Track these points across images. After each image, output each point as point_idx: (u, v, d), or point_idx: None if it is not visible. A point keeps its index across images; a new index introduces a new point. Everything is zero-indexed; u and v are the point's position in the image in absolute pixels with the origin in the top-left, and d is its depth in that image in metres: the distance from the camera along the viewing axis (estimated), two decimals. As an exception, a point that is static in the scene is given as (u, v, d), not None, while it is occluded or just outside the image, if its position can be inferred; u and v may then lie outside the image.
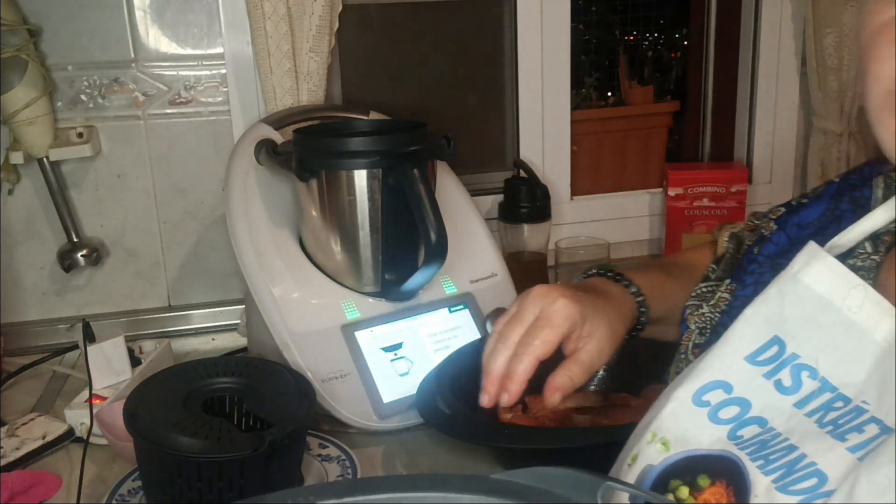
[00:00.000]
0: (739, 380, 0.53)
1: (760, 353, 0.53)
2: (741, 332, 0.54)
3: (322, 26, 1.22)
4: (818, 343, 0.51)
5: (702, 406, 0.53)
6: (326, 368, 1.01)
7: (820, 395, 0.50)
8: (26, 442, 0.98)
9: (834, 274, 0.51)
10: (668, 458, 0.52)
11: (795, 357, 0.51)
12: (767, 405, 0.51)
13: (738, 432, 0.52)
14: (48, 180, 1.24)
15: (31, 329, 1.31)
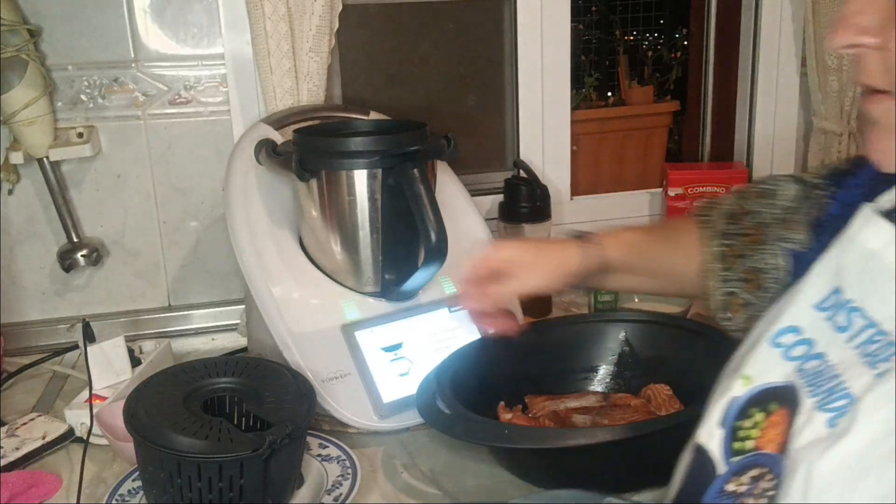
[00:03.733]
0: (807, 324, 0.62)
1: (825, 301, 0.61)
2: (810, 284, 0.62)
3: (322, 26, 1.22)
4: (868, 289, 0.58)
5: (777, 347, 0.62)
6: (326, 368, 1.01)
7: (866, 331, 0.57)
8: (26, 442, 0.98)
9: (882, 231, 0.59)
10: (751, 389, 0.61)
11: (850, 301, 0.59)
12: (828, 342, 0.59)
13: (804, 366, 0.60)
14: (48, 180, 1.24)
15: (31, 329, 1.31)
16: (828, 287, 0.62)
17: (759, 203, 0.88)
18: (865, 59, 0.52)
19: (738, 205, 0.90)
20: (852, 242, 0.61)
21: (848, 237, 0.61)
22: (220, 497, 0.79)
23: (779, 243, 0.84)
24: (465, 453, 0.96)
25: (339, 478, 0.90)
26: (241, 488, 0.79)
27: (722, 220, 0.90)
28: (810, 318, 0.62)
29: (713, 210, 0.92)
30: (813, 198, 0.82)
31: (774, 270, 0.84)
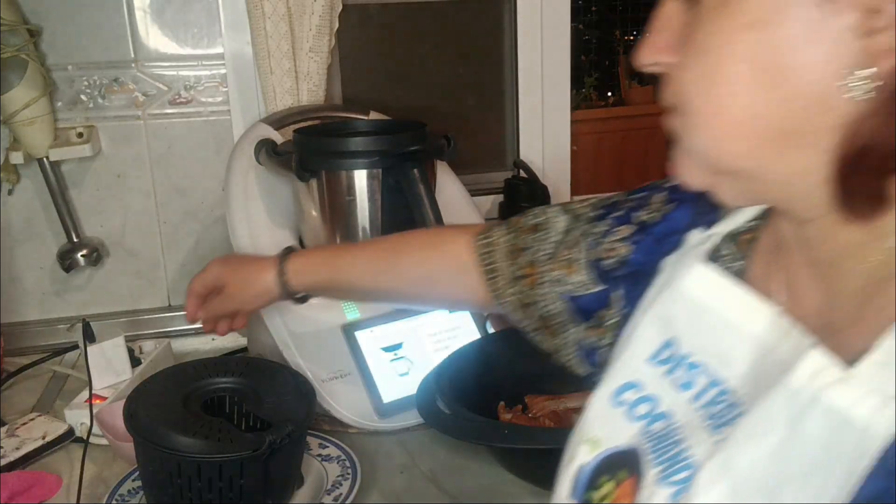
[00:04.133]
0: (646, 379, 0.58)
1: (659, 353, 0.57)
2: (641, 336, 0.58)
3: (322, 26, 1.22)
4: (703, 343, 0.55)
5: (619, 406, 0.58)
6: (326, 368, 1.01)
7: (709, 390, 0.54)
8: (26, 442, 0.98)
9: (709, 279, 0.56)
10: (597, 455, 0.57)
11: (687, 357, 0.56)
12: (671, 401, 0.56)
13: (651, 427, 0.56)
14: (48, 180, 1.24)
15: (31, 329, 1.31)
16: (659, 339, 0.58)
17: (532, 237, 0.79)
18: (664, 78, 0.51)
19: (512, 242, 0.81)
20: (679, 291, 0.57)
21: (675, 284, 0.58)
22: (220, 497, 0.79)
23: (553, 286, 0.75)
24: (465, 453, 0.96)
25: (339, 478, 0.90)
26: (241, 488, 0.79)
27: (506, 262, 0.81)
28: (647, 372, 0.58)
29: (494, 251, 0.82)
30: (590, 234, 0.74)
31: (559, 316, 0.76)
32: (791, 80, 0.44)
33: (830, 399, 0.43)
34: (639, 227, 0.71)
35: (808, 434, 0.44)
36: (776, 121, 0.45)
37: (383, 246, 0.91)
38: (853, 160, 0.44)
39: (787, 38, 0.43)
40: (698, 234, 0.61)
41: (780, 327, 0.51)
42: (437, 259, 0.86)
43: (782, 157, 0.46)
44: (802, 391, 0.45)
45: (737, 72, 0.45)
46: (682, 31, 0.48)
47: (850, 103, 0.43)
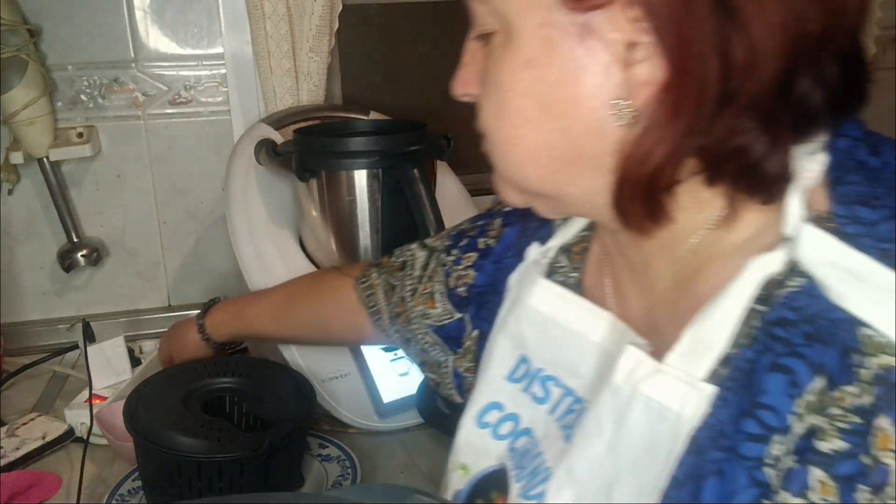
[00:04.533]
0: (506, 398, 0.60)
1: (515, 371, 0.60)
2: (497, 357, 0.61)
3: (322, 26, 1.22)
4: (552, 356, 0.58)
5: (484, 427, 0.61)
6: (326, 368, 1.01)
7: (564, 400, 0.57)
8: (26, 442, 0.98)
9: (550, 293, 0.59)
10: (470, 480, 0.60)
11: (540, 371, 0.59)
12: (531, 416, 0.59)
13: (515, 444, 0.59)
14: (48, 180, 1.24)
15: (31, 329, 1.31)
16: (514, 357, 0.60)
17: (399, 276, 0.83)
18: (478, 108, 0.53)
19: (386, 281, 0.84)
20: (526, 307, 0.60)
21: (521, 302, 0.60)
22: (220, 497, 0.79)
23: (421, 320, 0.78)
24: (465, 453, 0.96)
25: (339, 478, 0.90)
26: (241, 488, 0.79)
27: (385, 302, 0.84)
28: (507, 391, 0.60)
29: (374, 292, 0.85)
30: (443, 265, 0.77)
31: (433, 348, 0.78)
32: (568, 111, 0.47)
33: (647, 391, 0.47)
34: (481, 252, 0.74)
35: (633, 428, 0.48)
36: (562, 148, 0.49)
37: (280, 295, 0.96)
38: (622, 181, 0.47)
39: (559, 73, 0.46)
40: (536, 249, 0.64)
41: (617, 332, 0.55)
42: (322, 305, 0.92)
43: (574, 179, 0.50)
44: (623, 387, 0.48)
45: (522, 106, 0.49)
46: (482, 66, 0.52)
47: (621, 130, 0.46)
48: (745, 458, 0.43)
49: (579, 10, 0.45)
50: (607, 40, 0.45)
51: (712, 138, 0.44)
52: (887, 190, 0.44)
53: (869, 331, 0.41)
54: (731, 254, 0.49)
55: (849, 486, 0.40)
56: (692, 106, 0.44)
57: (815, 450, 0.41)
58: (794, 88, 0.44)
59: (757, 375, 0.44)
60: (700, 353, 0.46)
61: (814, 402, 0.42)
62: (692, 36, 0.42)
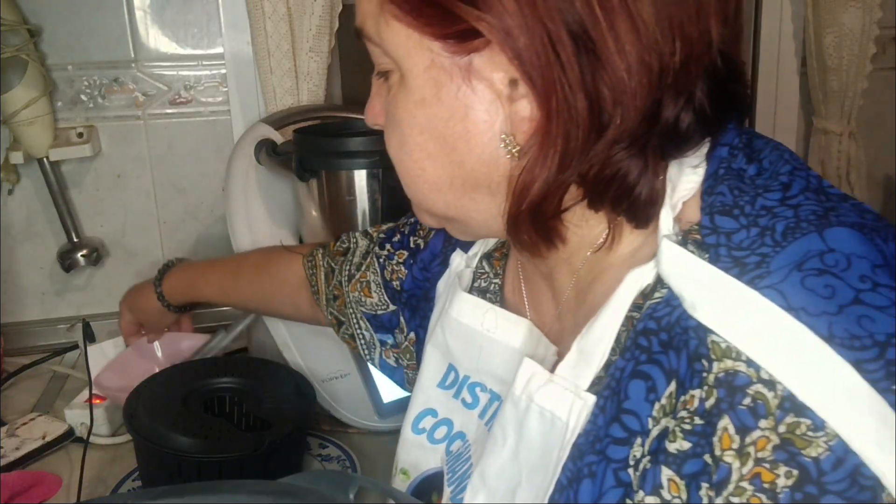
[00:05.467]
0: (439, 404, 0.63)
1: (445, 379, 0.63)
2: (428, 365, 0.64)
3: (322, 26, 1.22)
4: (476, 363, 0.60)
5: (420, 433, 0.63)
6: (326, 368, 1.01)
7: (491, 405, 0.59)
8: (26, 442, 0.98)
9: (470, 305, 0.61)
10: (410, 484, 0.63)
11: (467, 378, 0.61)
12: (463, 421, 0.61)
13: (450, 447, 0.61)
14: (48, 180, 1.24)
15: (31, 329, 1.31)
16: (443, 365, 0.63)
17: (340, 261, 0.86)
18: None
19: (329, 264, 0.88)
20: (450, 319, 0.62)
21: (445, 313, 0.63)
22: (220, 497, 0.79)
23: (356, 306, 0.82)
24: (465, 453, 0.96)
25: (339, 478, 0.90)
26: (241, 488, 0.79)
27: (325, 283, 0.88)
28: (439, 398, 0.63)
29: (316, 272, 0.89)
30: (377, 257, 0.81)
31: (364, 333, 0.83)
32: (461, 145, 0.50)
33: (540, 401, 0.50)
34: (411, 252, 0.77)
35: (530, 436, 0.50)
36: (460, 178, 0.51)
37: (229, 267, 1.01)
38: (514, 210, 0.50)
39: (449, 111, 0.49)
40: (459, 257, 0.66)
41: (533, 338, 0.57)
42: (268, 281, 0.96)
43: (476, 205, 0.52)
44: (522, 397, 0.51)
45: (420, 141, 0.51)
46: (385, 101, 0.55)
47: (511, 161, 0.49)
48: (612, 460, 0.46)
49: (460, 54, 0.47)
50: (489, 79, 0.47)
51: (589, 168, 0.47)
52: (751, 198, 0.46)
53: (717, 337, 0.42)
54: (618, 267, 0.51)
55: (694, 484, 0.42)
56: (564, 140, 0.46)
57: (666, 450, 0.43)
58: (661, 116, 0.46)
59: (623, 382, 0.47)
60: (585, 362, 0.49)
61: (666, 406, 0.44)
62: (558, 77, 0.44)
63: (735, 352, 0.41)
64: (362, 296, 0.81)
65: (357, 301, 0.82)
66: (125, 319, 1.08)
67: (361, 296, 0.81)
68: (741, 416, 0.40)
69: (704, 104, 0.47)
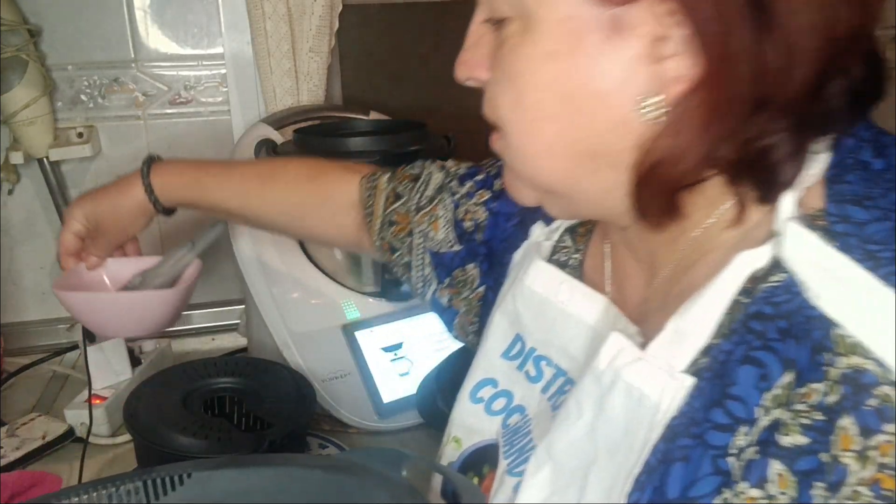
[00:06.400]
0: (500, 375, 0.61)
1: (510, 349, 0.60)
2: (494, 333, 0.62)
3: (322, 26, 1.22)
4: (547, 336, 0.58)
5: (477, 402, 0.61)
6: (326, 368, 1.01)
7: (556, 380, 0.57)
8: (26, 442, 0.98)
9: (546, 274, 0.59)
10: (462, 453, 0.60)
11: (534, 350, 0.59)
12: (524, 395, 0.59)
13: (508, 421, 0.59)
14: (48, 180, 1.24)
15: (31, 329, 1.31)
16: (510, 335, 0.61)
17: (409, 187, 0.80)
18: (485, 94, 0.52)
19: (393, 189, 0.82)
20: (523, 287, 0.60)
21: (519, 281, 0.60)
22: (220, 497, 0.79)
23: (421, 237, 0.77)
24: (465, 453, 0.96)
25: (339, 478, 0.90)
26: (241, 488, 0.79)
27: (383, 207, 0.82)
28: (501, 368, 0.60)
29: (375, 194, 0.83)
30: (455, 193, 0.76)
31: (421, 268, 0.78)
32: (591, 106, 0.46)
33: (629, 378, 0.47)
34: (495, 195, 0.72)
35: (613, 413, 0.48)
36: (581, 144, 0.48)
37: (257, 170, 0.90)
38: (645, 178, 0.47)
39: (583, 68, 0.46)
40: (540, 229, 0.64)
41: (610, 316, 0.55)
42: (313, 193, 0.86)
43: (591, 175, 0.49)
44: (606, 372, 0.48)
45: (542, 99, 0.47)
46: (492, 51, 0.50)
47: (645, 125, 0.46)
48: (711, 446, 0.44)
49: (610, 5, 0.44)
50: (637, 34, 0.44)
51: (743, 139, 0.44)
52: (883, 191, 0.44)
53: (842, 331, 0.41)
54: (727, 247, 0.49)
55: (806, 482, 0.40)
56: (723, 107, 0.43)
57: (777, 443, 0.41)
58: (825, 91, 0.44)
59: (730, 366, 0.44)
60: (681, 343, 0.46)
61: (780, 396, 0.42)
62: (729, 32, 0.41)
63: (863, 349, 0.40)
64: (430, 229, 0.76)
65: (423, 234, 0.77)
66: (71, 229, 0.91)
67: (430, 229, 0.76)
68: (865, 417, 0.39)
69: (858, 86, 0.45)
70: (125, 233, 0.95)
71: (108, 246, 0.95)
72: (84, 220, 0.91)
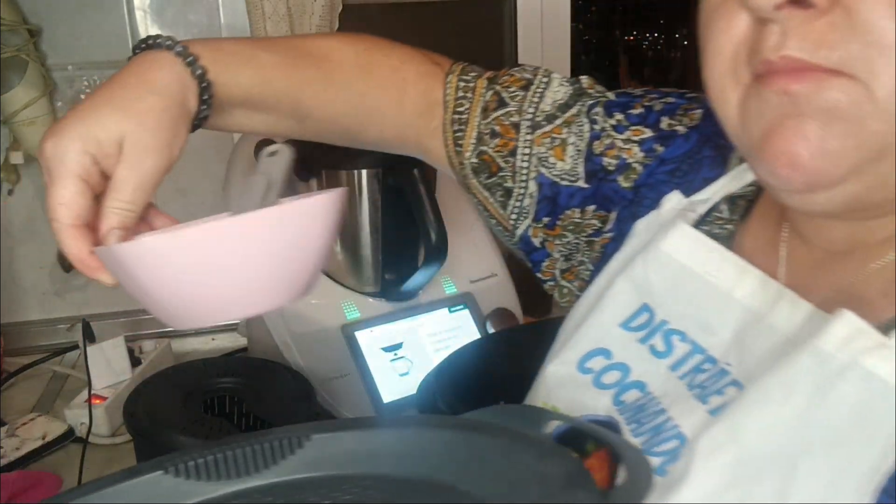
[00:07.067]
0: (617, 346, 0.54)
1: (633, 319, 0.54)
2: (613, 301, 0.55)
3: (322, 26, 1.22)
4: (684, 309, 0.52)
5: (586, 373, 0.55)
6: (326, 368, 1.01)
7: (691, 358, 0.51)
8: (26, 442, 0.98)
9: (691, 240, 0.53)
10: (561, 426, 0.52)
11: (665, 323, 0.53)
12: (645, 370, 0.53)
13: (621, 397, 0.53)
14: (48, 180, 1.24)
15: (31, 329, 1.31)
16: (635, 304, 0.55)
17: (518, 96, 0.68)
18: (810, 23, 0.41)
19: (497, 94, 0.68)
20: (660, 253, 0.54)
21: (653, 246, 0.54)
22: (220, 497, 0.79)
23: (536, 160, 0.65)
24: (465, 453, 0.96)
25: (339, 478, 0.90)
26: (241, 488, 0.79)
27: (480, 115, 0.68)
28: (619, 339, 0.54)
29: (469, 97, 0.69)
30: (592, 120, 0.65)
31: (522, 197, 0.67)
32: None
33: (871, 364, 0.41)
34: (659, 136, 0.63)
35: (838, 400, 0.42)
36: None
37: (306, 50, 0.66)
38: None
39: None
40: (676, 199, 0.57)
41: (770, 292, 0.49)
42: (382, 86, 0.67)
43: None
44: (836, 355, 0.42)
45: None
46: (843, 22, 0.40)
47: None
48: None
49: None
50: None
51: None
52: None
53: None
54: None
55: None
56: None
57: None
58: None
59: None
60: None
61: None
62: None
63: None
64: (550, 155, 0.65)
65: (540, 158, 0.65)
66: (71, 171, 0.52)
67: (550, 154, 0.65)
68: None
69: None
70: (165, 154, 0.59)
71: (144, 188, 0.55)
72: (94, 145, 0.52)
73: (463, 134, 0.68)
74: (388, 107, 0.68)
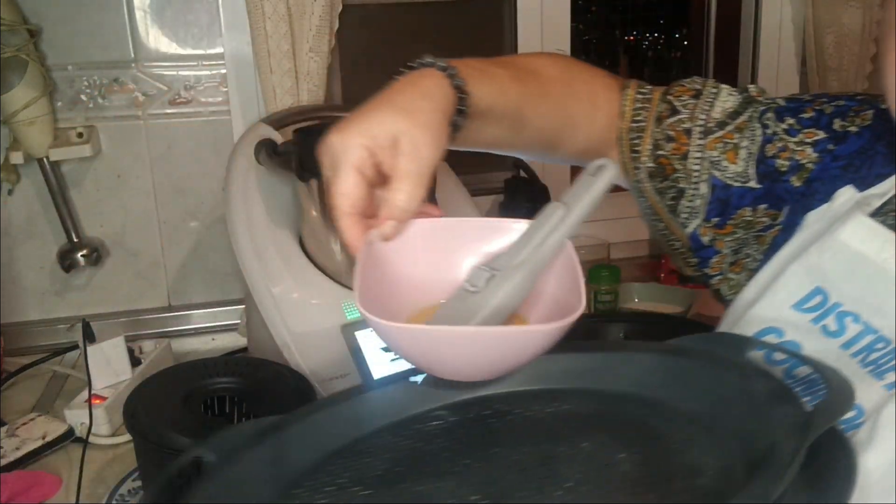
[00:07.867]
0: (789, 325, 0.58)
1: (806, 301, 0.58)
2: (786, 284, 0.59)
3: (322, 26, 1.22)
4: (858, 293, 0.56)
5: (759, 350, 0.58)
6: (326, 368, 1.01)
7: (863, 338, 0.55)
8: (26, 442, 0.98)
9: (867, 229, 0.57)
10: None
11: (838, 306, 0.57)
12: (816, 348, 0.56)
13: (793, 372, 0.56)
14: (48, 180, 1.24)
15: (31, 329, 1.31)
16: (808, 287, 0.59)
17: (690, 104, 0.73)
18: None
19: (670, 104, 0.73)
20: (836, 241, 0.58)
21: (830, 235, 0.58)
22: (220, 497, 0.79)
23: (704, 166, 0.70)
24: (465, 453, 0.95)
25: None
26: (241, 488, 0.79)
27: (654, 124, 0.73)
28: (791, 319, 0.59)
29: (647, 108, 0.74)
30: (763, 125, 0.69)
31: (694, 198, 0.71)
32: None
33: None
34: (832, 136, 0.66)
35: None
36: None
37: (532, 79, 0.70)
38: None
39: None
40: (849, 194, 0.61)
41: None
42: (580, 101, 0.73)
43: None
44: None
45: None
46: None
47: None
48: None
49: None
50: None
51: None
52: None
53: None
54: None
55: None
56: None
57: None
58: None
59: None
60: None
61: None
62: None
63: None
64: (723, 159, 0.69)
65: (713, 161, 0.70)
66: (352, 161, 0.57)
67: (722, 158, 0.69)
68: None
69: None
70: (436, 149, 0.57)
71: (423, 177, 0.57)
72: (371, 139, 0.57)
73: (640, 141, 0.73)
74: (584, 119, 0.73)
